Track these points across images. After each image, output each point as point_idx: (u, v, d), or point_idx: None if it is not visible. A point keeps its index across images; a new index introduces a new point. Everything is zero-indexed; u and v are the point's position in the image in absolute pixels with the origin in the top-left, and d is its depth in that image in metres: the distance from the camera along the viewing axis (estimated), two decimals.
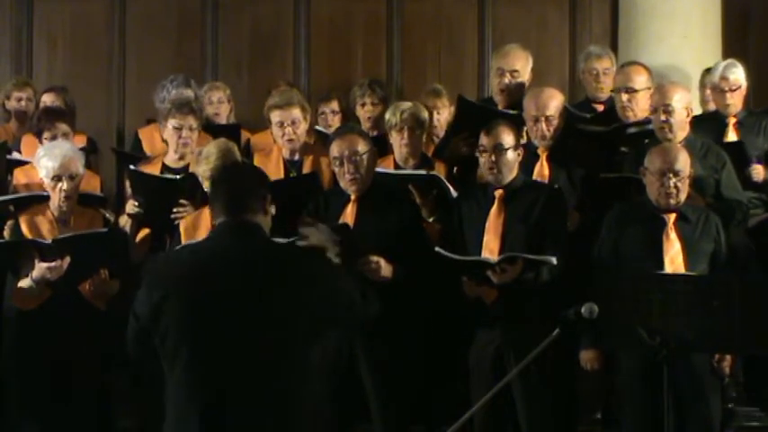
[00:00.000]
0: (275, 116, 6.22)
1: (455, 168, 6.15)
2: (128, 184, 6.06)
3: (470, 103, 6.36)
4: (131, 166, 6.07)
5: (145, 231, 5.94)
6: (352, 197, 5.45)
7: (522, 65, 6.58)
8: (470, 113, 6.20)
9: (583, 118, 6.51)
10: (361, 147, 5.44)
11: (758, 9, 8.42)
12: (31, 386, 5.54)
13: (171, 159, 6.18)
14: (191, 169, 5.99)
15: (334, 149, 5.46)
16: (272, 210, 3.77)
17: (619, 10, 8.14)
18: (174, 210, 5.82)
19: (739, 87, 6.56)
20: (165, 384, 3.62)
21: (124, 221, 5.90)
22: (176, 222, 5.76)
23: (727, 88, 6.54)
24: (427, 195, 5.74)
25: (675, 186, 5.26)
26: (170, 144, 6.18)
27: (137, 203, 5.87)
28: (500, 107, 6.51)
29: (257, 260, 3.59)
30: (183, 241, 5.37)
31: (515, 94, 6.47)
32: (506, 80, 6.56)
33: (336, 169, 5.48)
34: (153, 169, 6.14)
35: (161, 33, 8.44)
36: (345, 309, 3.69)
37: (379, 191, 5.51)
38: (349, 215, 5.41)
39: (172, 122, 6.11)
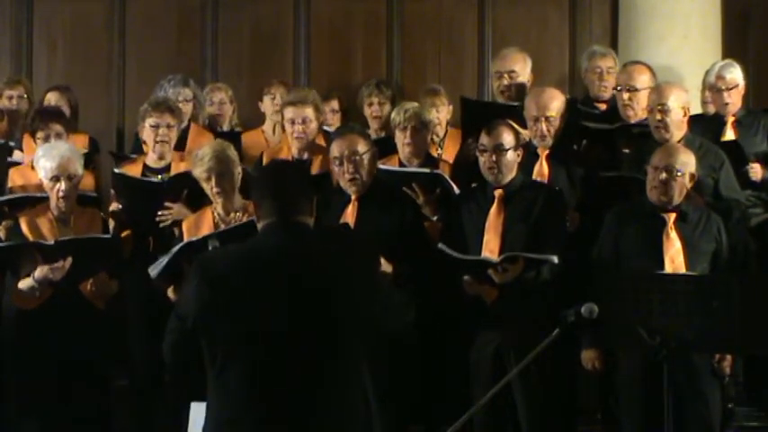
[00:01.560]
0: (288, 113, 6.24)
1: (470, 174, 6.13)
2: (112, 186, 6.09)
3: (473, 102, 6.35)
4: (115, 170, 6.09)
5: (126, 232, 5.94)
6: (353, 197, 5.45)
7: (519, 66, 6.59)
8: (475, 112, 6.19)
9: (590, 114, 6.51)
10: (362, 147, 5.46)
11: (758, 9, 8.42)
12: (30, 386, 5.54)
13: (151, 159, 6.17)
14: (173, 169, 6.03)
15: (335, 149, 5.48)
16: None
17: (619, 10, 8.14)
18: (159, 213, 5.84)
19: (736, 86, 6.56)
20: (209, 387, 3.49)
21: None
22: (161, 225, 5.79)
23: (723, 87, 6.55)
24: (431, 194, 5.74)
25: (665, 183, 5.26)
26: (148, 143, 6.16)
27: (119, 206, 5.88)
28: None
29: (311, 260, 3.52)
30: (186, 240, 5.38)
31: (516, 94, 6.48)
32: (505, 82, 6.58)
33: (336, 169, 5.49)
34: (134, 169, 6.14)
35: (161, 33, 8.43)
36: (392, 314, 3.64)
37: (380, 190, 5.52)
38: (350, 215, 5.42)
39: (149, 121, 6.11)
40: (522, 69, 6.60)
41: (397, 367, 5.29)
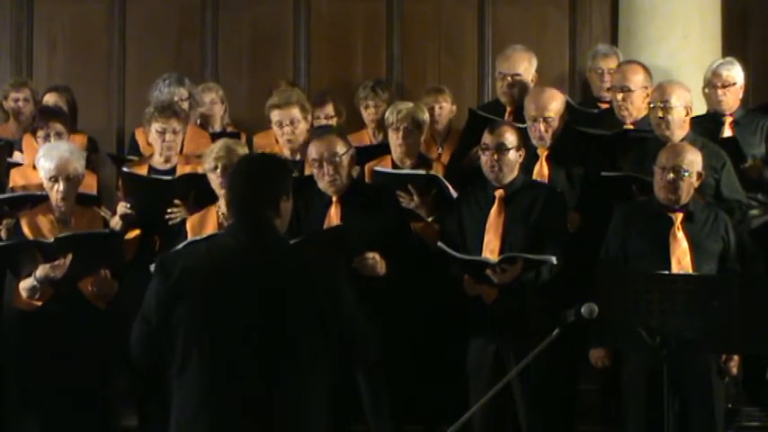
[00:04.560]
0: (275, 116, 6.25)
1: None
2: (120, 185, 6.08)
3: (481, 117, 6.32)
4: (124, 169, 6.11)
5: (135, 232, 5.94)
6: (334, 198, 5.45)
7: (524, 67, 6.55)
8: (481, 127, 6.17)
9: (589, 114, 6.50)
10: (340, 148, 5.46)
11: (758, 9, 8.42)
12: (31, 386, 5.54)
13: (157, 161, 6.20)
14: (179, 172, 6.05)
15: (313, 151, 5.48)
16: (289, 205, 3.68)
17: (619, 10, 8.14)
18: (169, 210, 5.84)
19: (733, 85, 6.54)
20: (172, 385, 3.55)
21: (114, 222, 5.90)
22: (170, 223, 5.79)
23: (719, 84, 6.53)
24: (426, 195, 5.74)
25: (673, 183, 5.26)
26: (155, 147, 6.19)
27: (128, 205, 5.88)
28: (506, 109, 6.54)
29: (270, 260, 3.54)
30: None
31: (520, 95, 6.46)
32: (508, 84, 6.54)
33: (315, 171, 5.49)
34: (140, 171, 6.17)
35: (161, 33, 8.43)
36: (354, 329, 3.61)
37: (360, 191, 5.53)
38: (333, 216, 5.43)
39: (155, 126, 6.13)
40: (527, 71, 6.55)
41: (392, 368, 5.28)
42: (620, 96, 6.35)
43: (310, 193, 5.54)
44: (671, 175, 5.27)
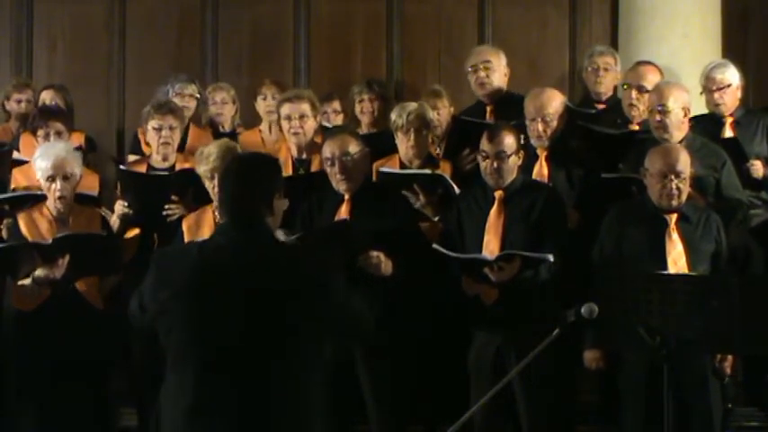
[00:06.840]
0: (284, 109, 6.22)
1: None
2: (118, 184, 6.09)
3: (469, 122, 6.36)
4: (121, 166, 6.11)
5: (134, 231, 5.94)
6: (346, 197, 5.46)
7: (494, 58, 6.66)
8: (468, 131, 6.18)
9: (586, 114, 6.51)
10: (353, 147, 5.45)
11: (758, 9, 8.43)
12: (30, 386, 5.54)
13: (156, 160, 6.20)
14: (177, 167, 6.05)
15: (326, 150, 5.48)
16: (284, 204, 3.68)
17: (619, 10, 8.14)
18: (167, 207, 5.83)
19: (728, 86, 6.55)
20: (165, 380, 3.56)
21: (113, 221, 5.90)
22: (168, 220, 5.78)
23: (714, 87, 6.55)
24: (432, 194, 5.74)
25: (677, 188, 5.26)
26: (152, 145, 6.20)
27: (126, 204, 5.88)
28: (486, 108, 6.64)
29: (263, 257, 3.55)
30: (186, 240, 5.37)
31: (493, 95, 6.62)
32: (482, 74, 6.62)
33: (328, 169, 5.49)
34: (139, 169, 6.17)
35: (161, 33, 8.44)
36: (350, 321, 3.62)
37: (373, 190, 5.52)
38: (344, 215, 5.42)
39: (152, 123, 6.14)
40: (497, 62, 6.66)
41: (394, 368, 5.28)
42: (634, 94, 6.40)
43: (324, 190, 5.55)
44: (675, 182, 5.25)
